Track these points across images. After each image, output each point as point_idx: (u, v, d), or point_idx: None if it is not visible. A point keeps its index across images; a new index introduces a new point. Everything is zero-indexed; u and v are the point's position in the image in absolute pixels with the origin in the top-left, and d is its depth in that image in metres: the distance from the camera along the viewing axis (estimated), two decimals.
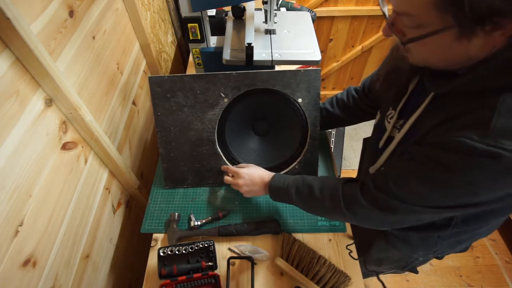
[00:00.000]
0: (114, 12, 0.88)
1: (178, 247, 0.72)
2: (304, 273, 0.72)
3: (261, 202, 0.89)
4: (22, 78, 0.52)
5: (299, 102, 0.84)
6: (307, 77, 0.81)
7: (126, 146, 0.96)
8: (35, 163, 0.55)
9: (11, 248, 0.49)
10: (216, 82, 0.81)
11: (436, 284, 1.55)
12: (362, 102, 0.86)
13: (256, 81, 0.82)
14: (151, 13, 1.18)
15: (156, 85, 0.82)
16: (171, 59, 1.46)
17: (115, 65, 0.88)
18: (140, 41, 1.07)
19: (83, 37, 0.71)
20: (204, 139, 0.87)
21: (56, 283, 0.60)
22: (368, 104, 0.85)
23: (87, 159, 0.73)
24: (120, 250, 0.90)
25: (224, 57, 0.91)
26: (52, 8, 0.59)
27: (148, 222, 0.85)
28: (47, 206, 0.58)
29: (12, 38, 0.47)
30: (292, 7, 1.32)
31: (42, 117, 0.57)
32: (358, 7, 1.83)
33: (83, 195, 0.71)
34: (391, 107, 0.67)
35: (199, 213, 0.87)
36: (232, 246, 0.80)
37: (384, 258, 0.89)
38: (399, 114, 0.64)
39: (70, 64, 0.65)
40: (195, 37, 0.97)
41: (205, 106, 0.84)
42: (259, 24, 1.00)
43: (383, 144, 0.69)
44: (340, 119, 0.91)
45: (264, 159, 0.91)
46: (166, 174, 0.90)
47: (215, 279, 0.71)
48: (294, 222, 0.84)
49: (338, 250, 0.80)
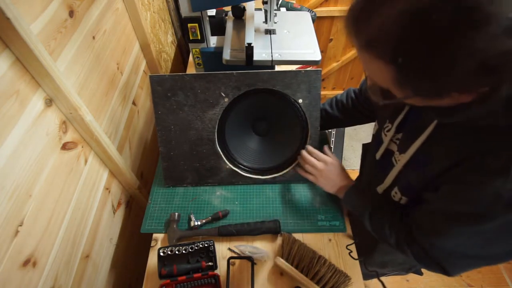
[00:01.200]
0: (114, 12, 0.88)
1: (178, 247, 0.72)
2: (304, 273, 0.72)
3: (261, 202, 0.89)
4: (22, 78, 0.52)
5: (300, 102, 0.84)
6: (308, 78, 0.81)
7: (126, 146, 0.96)
8: (35, 163, 0.55)
9: (11, 248, 0.49)
10: (217, 81, 0.81)
11: (436, 284, 1.55)
12: (360, 105, 0.86)
13: (257, 81, 0.82)
14: (151, 13, 1.18)
15: (156, 84, 0.82)
16: (171, 59, 1.46)
17: (115, 65, 0.88)
18: (140, 41, 1.07)
19: (83, 37, 0.71)
20: (204, 138, 0.87)
21: (56, 283, 0.60)
22: (367, 108, 0.85)
23: (87, 159, 0.73)
24: (120, 250, 0.90)
25: (224, 57, 0.91)
26: (52, 8, 0.59)
27: (148, 222, 0.85)
28: (47, 206, 0.58)
29: (12, 38, 0.47)
30: (292, 7, 1.32)
31: (42, 117, 0.57)
32: None
33: (83, 195, 0.71)
34: (388, 120, 0.66)
35: (199, 213, 0.87)
36: (232, 246, 0.80)
37: (389, 261, 0.88)
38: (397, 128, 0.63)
39: (70, 64, 0.65)
40: (195, 37, 0.97)
41: (206, 105, 0.84)
42: (259, 24, 1.00)
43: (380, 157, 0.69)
44: (339, 121, 0.91)
45: (264, 159, 0.92)
46: (166, 173, 0.90)
47: (215, 279, 0.71)
48: (294, 222, 0.84)
49: (338, 250, 0.80)
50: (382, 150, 0.68)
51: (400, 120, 0.62)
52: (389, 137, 0.65)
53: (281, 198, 0.89)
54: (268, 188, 0.91)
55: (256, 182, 0.91)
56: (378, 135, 0.71)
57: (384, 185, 0.67)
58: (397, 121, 0.63)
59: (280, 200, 0.89)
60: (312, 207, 0.87)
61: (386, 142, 0.66)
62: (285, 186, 0.92)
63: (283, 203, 0.88)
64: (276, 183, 0.92)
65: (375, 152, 0.71)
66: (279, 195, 0.90)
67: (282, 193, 0.90)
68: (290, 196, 0.90)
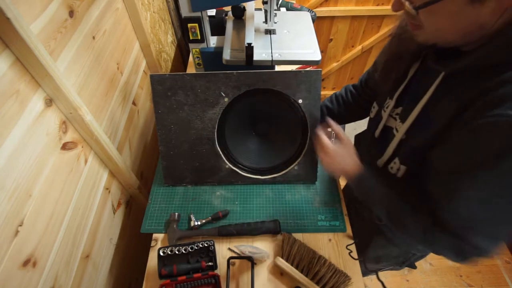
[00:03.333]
0: (114, 12, 0.88)
1: (178, 247, 0.72)
2: (304, 273, 0.72)
3: (261, 202, 0.89)
4: (22, 78, 0.52)
5: (300, 102, 0.84)
6: (308, 78, 0.81)
7: (126, 146, 0.96)
8: (35, 163, 0.55)
9: (11, 248, 0.49)
10: (217, 81, 0.81)
11: (436, 284, 1.55)
12: (360, 98, 0.87)
13: (257, 81, 0.82)
14: (151, 13, 1.18)
15: (157, 83, 0.82)
16: (171, 59, 1.46)
17: (115, 65, 0.88)
18: (140, 41, 1.07)
19: (83, 37, 0.71)
20: (203, 138, 0.87)
21: (56, 283, 0.60)
22: (366, 100, 0.85)
23: (87, 159, 0.73)
24: (120, 250, 0.90)
25: (224, 57, 0.91)
26: (52, 8, 0.59)
27: (148, 222, 0.85)
28: (47, 206, 0.58)
29: (12, 38, 0.47)
30: (292, 7, 1.32)
31: (42, 117, 0.57)
32: (358, 7, 1.83)
33: (83, 195, 0.71)
34: (388, 96, 0.67)
35: (199, 213, 0.87)
36: (232, 246, 0.80)
37: (383, 255, 0.89)
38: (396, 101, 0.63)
39: (70, 64, 0.65)
40: (195, 37, 0.97)
41: (205, 105, 0.84)
42: (259, 24, 1.00)
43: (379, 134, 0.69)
44: (340, 116, 0.91)
45: (263, 159, 0.91)
46: (166, 172, 0.90)
47: (215, 279, 0.71)
48: (294, 222, 0.84)
49: (338, 250, 0.80)
50: (381, 126, 0.68)
51: (400, 92, 0.62)
52: (388, 112, 0.65)
53: (281, 198, 0.89)
54: (268, 188, 0.91)
55: (256, 182, 0.91)
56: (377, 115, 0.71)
57: (384, 157, 0.66)
58: (397, 93, 0.63)
59: (280, 200, 0.89)
60: (312, 207, 0.87)
61: (385, 117, 0.66)
62: (285, 186, 0.92)
63: (283, 203, 0.88)
64: (276, 183, 0.92)
65: (374, 130, 0.71)
66: (279, 195, 0.90)
67: (282, 193, 0.90)
68: (290, 196, 0.90)
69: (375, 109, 0.73)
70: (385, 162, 0.67)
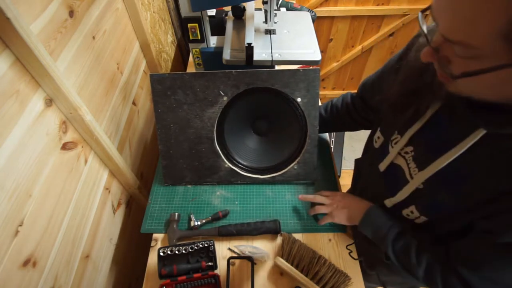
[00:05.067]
0: (114, 12, 0.88)
1: (178, 247, 0.72)
2: (304, 273, 0.72)
3: (261, 202, 0.89)
4: (22, 78, 0.52)
5: (298, 101, 0.84)
6: (306, 77, 0.81)
7: (126, 146, 0.96)
8: (35, 163, 0.55)
9: (11, 248, 0.49)
10: (216, 80, 0.82)
11: None
12: (356, 113, 0.84)
13: (256, 80, 0.82)
14: (151, 13, 1.18)
15: (157, 82, 0.82)
16: (171, 59, 1.46)
17: (115, 65, 0.88)
18: (140, 41, 1.07)
19: (83, 37, 0.71)
20: (203, 137, 0.87)
21: (56, 283, 0.60)
22: (363, 117, 0.83)
23: (87, 159, 0.73)
24: (120, 250, 0.90)
25: (224, 57, 0.91)
26: (52, 8, 0.59)
27: (148, 222, 0.85)
28: (47, 206, 0.58)
29: (12, 38, 0.47)
30: (292, 7, 1.32)
31: (42, 117, 0.57)
32: (358, 7, 1.83)
33: (83, 195, 0.71)
34: (397, 131, 0.60)
35: (199, 213, 0.87)
36: (232, 246, 0.80)
37: (388, 281, 0.86)
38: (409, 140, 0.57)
39: (70, 64, 0.65)
40: (195, 37, 0.97)
41: (205, 104, 0.84)
42: (259, 24, 1.00)
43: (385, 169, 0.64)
44: (333, 125, 0.91)
45: (263, 159, 0.91)
46: (165, 171, 0.90)
47: (215, 279, 0.71)
48: (294, 222, 0.84)
49: (338, 250, 0.80)
50: (388, 162, 0.63)
51: (415, 132, 0.56)
52: (397, 149, 0.59)
53: (281, 198, 0.89)
54: (268, 188, 0.91)
55: (255, 181, 0.91)
56: (382, 146, 0.66)
57: (395, 199, 0.62)
58: (410, 132, 0.56)
59: (280, 200, 0.89)
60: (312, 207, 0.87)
61: (393, 154, 0.60)
62: (285, 186, 0.92)
63: (283, 203, 0.88)
64: (276, 183, 0.92)
65: (379, 163, 0.66)
66: (279, 195, 0.90)
67: (282, 193, 0.90)
68: (290, 196, 0.90)
69: (380, 140, 0.66)
70: (395, 205, 0.63)
